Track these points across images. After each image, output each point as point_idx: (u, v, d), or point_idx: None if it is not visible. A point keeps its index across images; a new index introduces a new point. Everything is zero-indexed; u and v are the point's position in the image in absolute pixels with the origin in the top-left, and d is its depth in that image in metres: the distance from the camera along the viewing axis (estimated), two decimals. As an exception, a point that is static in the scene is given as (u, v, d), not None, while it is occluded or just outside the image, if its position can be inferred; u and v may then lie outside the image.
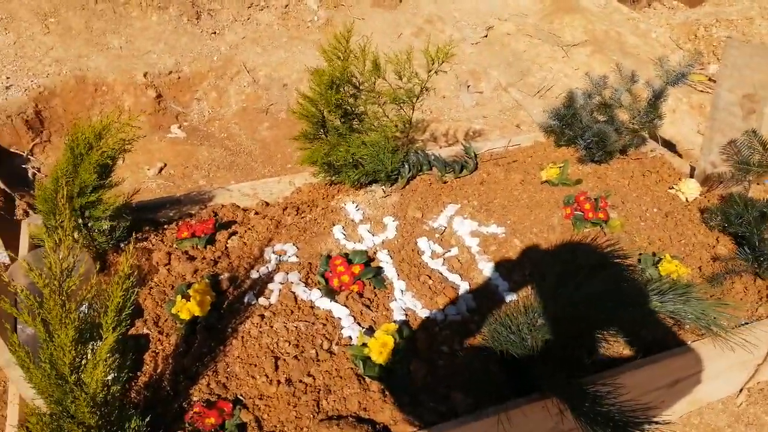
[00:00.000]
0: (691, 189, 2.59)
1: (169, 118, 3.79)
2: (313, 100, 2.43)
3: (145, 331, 1.95)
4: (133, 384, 1.79)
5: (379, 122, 2.55)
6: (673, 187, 2.66)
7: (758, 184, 2.49)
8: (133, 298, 1.43)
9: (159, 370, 1.83)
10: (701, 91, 4.55)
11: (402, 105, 2.57)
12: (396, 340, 1.81)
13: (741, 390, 2.28)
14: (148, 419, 1.55)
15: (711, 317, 1.60)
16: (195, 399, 1.74)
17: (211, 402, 1.72)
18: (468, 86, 4.25)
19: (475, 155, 2.88)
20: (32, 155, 2.51)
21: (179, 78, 3.91)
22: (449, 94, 4.21)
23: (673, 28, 5.00)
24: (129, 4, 4.15)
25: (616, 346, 1.88)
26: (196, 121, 3.82)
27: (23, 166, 3.17)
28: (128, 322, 1.44)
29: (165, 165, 3.43)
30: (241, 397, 1.76)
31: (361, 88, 2.57)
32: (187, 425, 1.66)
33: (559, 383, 1.60)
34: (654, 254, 2.19)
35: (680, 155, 3.54)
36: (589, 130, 2.79)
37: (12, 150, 3.17)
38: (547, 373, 1.61)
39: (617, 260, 2.08)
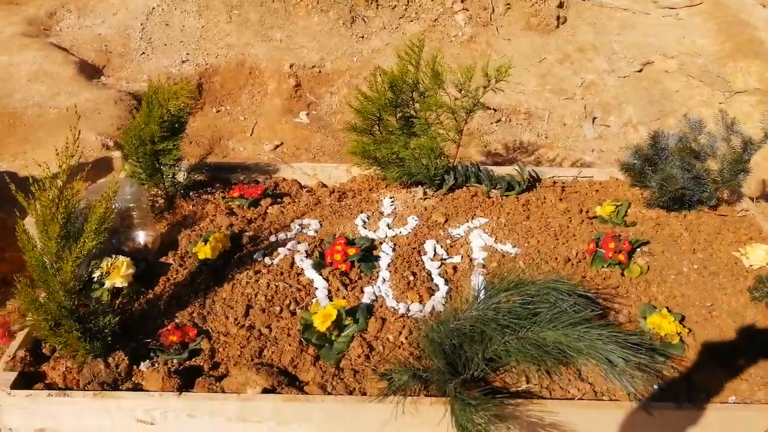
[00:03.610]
0: (758, 255, 2.27)
1: (302, 105, 4.27)
2: (370, 98, 2.63)
3: (171, 261, 2.34)
4: (141, 296, 2.19)
5: (431, 128, 2.66)
6: (739, 250, 2.34)
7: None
8: (111, 216, 1.80)
9: (162, 292, 2.20)
10: None
11: (455, 115, 2.65)
12: (342, 315, 1.96)
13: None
14: (117, 318, 1.92)
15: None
16: (177, 321, 2.07)
17: (181, 325, 2.03)
18: (594, 118, 4.08)
19: (536, 178, 2.83)
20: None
21: (320, 72, 4.39)
22: (572, 122, 4.08)
23: None
24: (298, 5, 4.75)
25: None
26: (323, 111, 4.26)
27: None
28: (107, 234, 1.81)
29: (282, 143, 3.91)
30: (210, 330, 2.05)
31: (426, 95, 2.70)
32: (156, 337, 1.99)
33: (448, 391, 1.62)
34: (655, 307, 2.00)
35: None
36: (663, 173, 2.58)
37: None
38: (441, 379, 1.64)
39: (599, 306, 1.96)
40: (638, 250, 2.32)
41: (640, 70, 4.59)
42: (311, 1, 4.76)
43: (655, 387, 1.77)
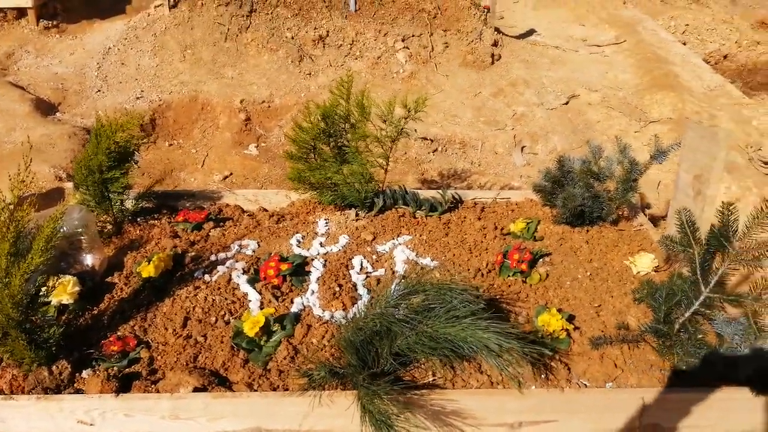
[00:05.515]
0: (643, 263, 2.57)
1: (251, 138, 4.52)
2: (304, 129, 2.90)
3: (116, 281, 2.53)
4: (86, 312, 2.36)
5: (360, 156, 2.93)
6: (629, 259, 2.64)
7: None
8: (58, 235, 2.00)
9: (107, 308, 2.39)
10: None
11: (381, 144, 2.93)
12: (270, 322, 2.17)
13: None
14: (62, 330, 2.09)
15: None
16: (119, 333, 2.26)
17: (122, 336, 2.22)
18: (523, 147, 4.42)
19: (458, 199, 3.11)
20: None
21: (269, 107, 4.66)
22: (503, 151, 4.42)
23: (780, 118, 4.66)
24: (249, 45, 5.05)
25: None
26: (272, 144, 4.51)
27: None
28: (53, 252, 2.00)
29: (231, 174, 4.14)
30: (151, 341, 2.24)
31: (356, 126, 2.98)
32: (99, 348, 2.17)
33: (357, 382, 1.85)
34: (548, 307, 2.27)
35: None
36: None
37: (120, 144, 4.04)
38: (354, 372, 1.87)
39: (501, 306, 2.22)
40: (540, 260, 2.61)
41: (567, 103, 4.99)
42: (262, 41, 5.05)
43: (542, 376, 2.03)
